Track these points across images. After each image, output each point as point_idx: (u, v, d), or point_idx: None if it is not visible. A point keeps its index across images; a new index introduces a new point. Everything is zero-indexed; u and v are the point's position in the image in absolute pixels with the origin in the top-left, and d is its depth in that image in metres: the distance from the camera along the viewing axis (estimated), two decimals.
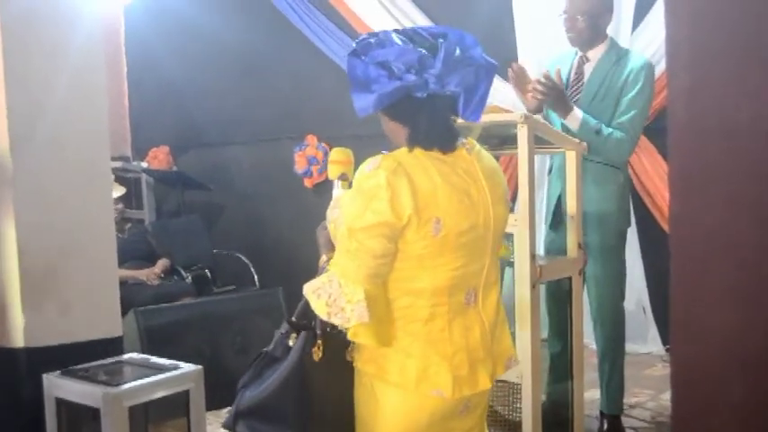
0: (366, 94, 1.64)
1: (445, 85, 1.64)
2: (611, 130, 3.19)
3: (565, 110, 3.17)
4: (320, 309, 1.68)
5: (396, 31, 1.69)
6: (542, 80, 3.13)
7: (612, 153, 3.23)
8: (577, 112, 3.17)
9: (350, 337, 1.68)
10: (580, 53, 3.39)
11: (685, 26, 1.17)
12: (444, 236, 1.67)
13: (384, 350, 1.72)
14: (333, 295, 1.66)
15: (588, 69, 3.34)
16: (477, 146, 1.82)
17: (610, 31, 4.68)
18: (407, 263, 1.70)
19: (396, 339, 1.71)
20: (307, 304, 1.73)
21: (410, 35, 1.68)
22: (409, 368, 1.70)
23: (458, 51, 1.65)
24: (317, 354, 1.76)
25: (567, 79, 3.40)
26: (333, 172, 1.95)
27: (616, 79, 3.24)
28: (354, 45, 1.69)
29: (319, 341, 1.76)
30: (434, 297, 1.71)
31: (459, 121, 1.76)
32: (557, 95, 3.14)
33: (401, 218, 1.63)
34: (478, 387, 1.76)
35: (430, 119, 1.69)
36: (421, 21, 5.27)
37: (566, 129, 3.18)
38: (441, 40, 1.64)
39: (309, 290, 1.71)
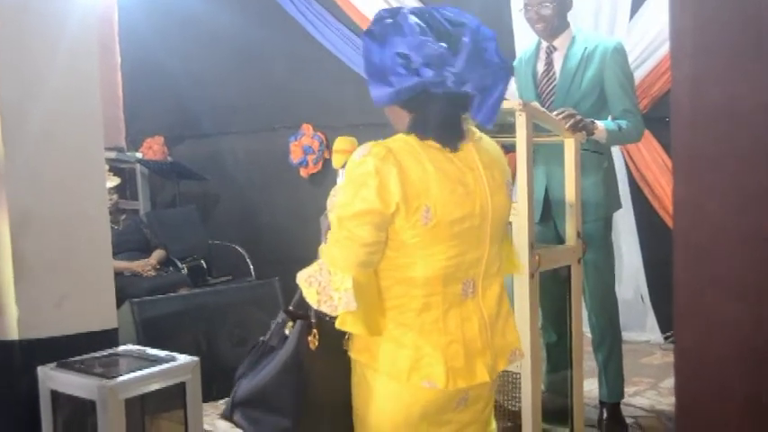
0: (384, 86, 1.62)
1: (463, 84, 1.61)
2: (623, 120, 3.17)
3: (589, 130, 3.05)
4: (311, 297, 1.67)
5: (412, 12, 1.64)
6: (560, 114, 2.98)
7: (634, 137, 3.30)
8: (599, 124, 3.10)
9: (337, 325, 1.66)
10: (545, 44, 3.31)
11: (689, 15, 1.15)
12: (435, 225, 1.65)
13: (377, 340, 1.70)
14: (322, 283, 1.66)
15: (558, 58, 3.27)
16: (478, 133, 1.79)
17: (606, 21, 4.63)
18: (400, 251, 1.68)
19: (387, 329, 1.70)
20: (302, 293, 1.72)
21: (427, 19, 1.63)
22: (401, 359, 1.69)
23: (475, 46, 1.62)
24: (312, 342, 1.75)
25: (535, 72, 3.32)
26: (337, 161, 1.92)
27: (590, 64, 3.18)
28: (371, 26, 1.64)
29: (315, 330, 1.75)
30: (428, 287, 1.68)
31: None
32: (576, 122, 2.96)
33: (389, 206, 1.62)
34: (475, 379, 1.73)
35: (440, 115, 1.67)
36: None
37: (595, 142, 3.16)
38: (465, 39, 1.61)
39: (302, 278, 1.70)
